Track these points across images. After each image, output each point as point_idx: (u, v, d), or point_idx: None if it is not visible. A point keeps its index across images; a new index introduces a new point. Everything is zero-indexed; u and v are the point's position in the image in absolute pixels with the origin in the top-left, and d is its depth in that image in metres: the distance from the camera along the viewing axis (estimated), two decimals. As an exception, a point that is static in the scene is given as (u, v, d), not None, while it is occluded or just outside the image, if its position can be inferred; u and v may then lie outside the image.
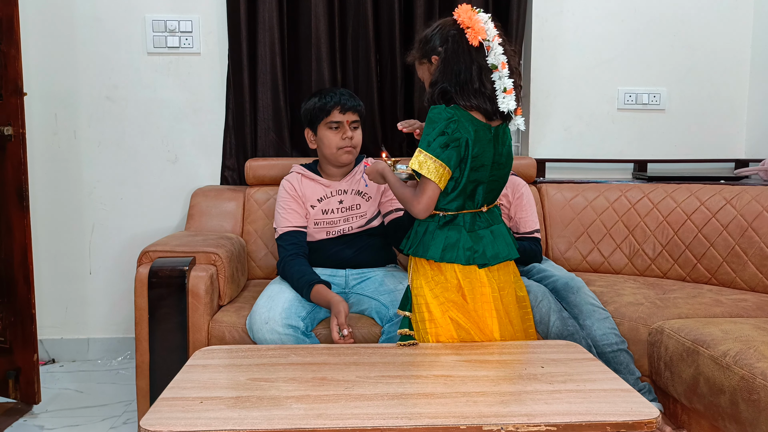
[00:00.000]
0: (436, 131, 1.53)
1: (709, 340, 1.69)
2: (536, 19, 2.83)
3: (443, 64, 1.59)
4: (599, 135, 2.91)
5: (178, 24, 2.69)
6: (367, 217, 2.11)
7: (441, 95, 1.58)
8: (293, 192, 2.09)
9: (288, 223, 2.05)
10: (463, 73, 1.56)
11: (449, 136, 1.53)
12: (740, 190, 2.39)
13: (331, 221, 2.08)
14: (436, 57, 1.62)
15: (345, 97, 2.07)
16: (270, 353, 1.54)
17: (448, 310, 1.61)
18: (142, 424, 1.16)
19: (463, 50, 1.57)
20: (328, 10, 2.64)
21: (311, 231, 2.09)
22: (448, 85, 1.57)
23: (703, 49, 2.90)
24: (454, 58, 1.58)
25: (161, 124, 2.74)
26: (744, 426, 1.52)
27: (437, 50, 1.62)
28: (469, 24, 1.58)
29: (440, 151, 1.53)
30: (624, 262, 2.51)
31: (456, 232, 1.60)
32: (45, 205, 2.72)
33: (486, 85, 1.56)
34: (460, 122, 1.54)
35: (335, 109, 2.05)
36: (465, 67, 1.56)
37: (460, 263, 1.59)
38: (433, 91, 1.60)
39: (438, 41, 1.62)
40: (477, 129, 1.56)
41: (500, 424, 1.16)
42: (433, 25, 1.67)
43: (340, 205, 2.09)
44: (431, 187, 1.55)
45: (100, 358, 2.80)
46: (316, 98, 2.10)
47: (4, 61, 2.13)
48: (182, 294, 1.94)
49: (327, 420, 1.17)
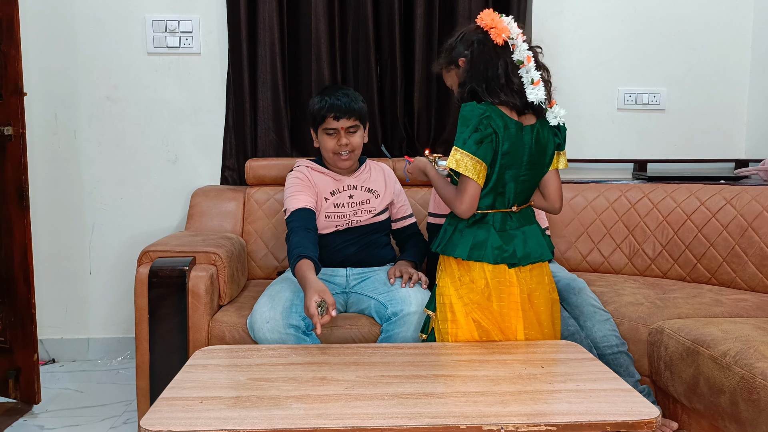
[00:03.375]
0: (470, 128, 1.54)
1: (709, 340, 1.69)
2: (536, 19, 2.83)
3: (470, 65, 1.60)
4: (599, 135, 2.91)
5: (178, 24, 2.69)
6: (375, 212, 2.12)
7: (471, 95, 1.59)
8: (306, 181, 2.07)
9: (299, 203, 2.00)
10: (491, 70, 1.57)
11: (482, 132, 1.54)
12: (740, 190, 2.39)
13: (341, 215, 2.08)
14: (462, 59, 1.63)
15: (340, 103, 2.02)
16: (270, 353, 1.54)
17: (472, 312, 1.61)
18: (142, 424, 1.16)
19: (489, 49, 1.59)
20: (328, 10, 2.64)
21: (321, 223, 2.07)
22: (476, 84, 1.58)
23: (703, 49, 2.90)
24: (480, 57, 1.59)
25: (161, 124, 2.74)
26: (744, 426, 1.52)
27: (463, 53, 1.63)
28: (492, 24, 1.59)
29: (475, 147, 1.53)
30: (624, 262, 2.51)
31: (485, 231, 1.60)
32: (45, 205, 2.72)
33: (513, 80, 1.57)
34: (492, 118, 1.55)
35: (329, 116, 2.02)
36: (492, 64, 1.57)
37: (488, 262, 1.59)
38: (463, 90, 1.61)
39: (462, 47, 1.63)
40: (507, 124, 1.56)
41: (500, 424, 1.16)
42: (455, 34, 1.68)
43: (350, 199, 2.09)
44: (471, 185, 1.55)
45: (100, 358, 2.80)
46: (318, 99, 2.08)
47: (4, 61, 2.13)
48: (182, 294, 1.94)
49: (327, 420, 1.17)
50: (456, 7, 2.69)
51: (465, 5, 2.69)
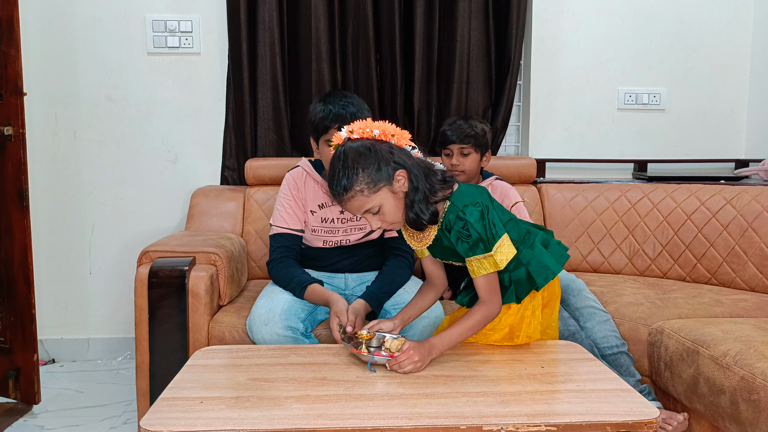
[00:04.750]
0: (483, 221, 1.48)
1: (709, 340, 1.69)
2: (536, 19, 2.83)
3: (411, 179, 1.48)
4: (599, 135, 2.91)
5: (178, 24, 2.69)
6: (366, 230, 2.03)
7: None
8: (296, 192, 2.00)
9: (284, 224, 1.98)
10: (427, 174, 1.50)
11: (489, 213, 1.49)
12: (740, 190, 2.39)
13: (329, 230, 2.01)
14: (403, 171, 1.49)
15: (345, 113, 1.86)
16: (270, 353, 1.54)
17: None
18: (142, 424, 1.16)
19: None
20: (328, 10, 2.64)
21: (309, 237, 2.02)
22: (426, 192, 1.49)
23: (703, 49, 2.90)
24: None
25: (161, 124, 2.74)
26: (744, 426, 1.52)
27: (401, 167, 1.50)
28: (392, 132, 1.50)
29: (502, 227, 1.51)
30: (624, 262, 2.51)
31: (529, 249, 1.57)
32: (45, 205, 2.72)
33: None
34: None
35: (332, 127, 1.87)
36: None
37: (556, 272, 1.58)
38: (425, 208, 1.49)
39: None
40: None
41: (500, 424, 1.16)
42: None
43: (341, 215, 2.00)
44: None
45: (100, 358, 2.80)
46: (320, 106, 1.92)
47: (4, 61, 2.13)
48: (182, 294, 1.94)
49: (327, 420, 1.17)
50: (456, 7, 2.70)
51: (465, 5, 2.69)
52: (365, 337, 1.48)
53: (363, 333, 1.50)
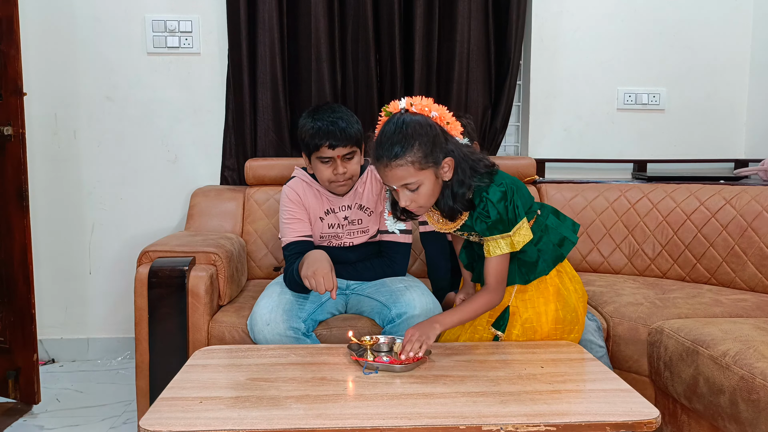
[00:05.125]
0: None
1: (708, 340, 1.69)
2: (536, 19, 2.83)
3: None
4: (599, 135, 2.91)
5: (178, 24, 2.69)
6: (369, 234, 2.03)
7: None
8: (298, 201, 1.98)
9: (294, 234, 1.96)
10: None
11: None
12: (740, 190, 2.39)
13: (336, 235, 2.02)
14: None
15: (335, 130, 1.83)
16: (270, 353, 1.54)
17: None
18: (142, 424, 1.16)
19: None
20: (328, 10, 2.64)
21: (315, 241, 2.02)
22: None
23: (703, 50, 2.90)
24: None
25: (161, 124, 2.74)
26: (744, 426, 1.52)
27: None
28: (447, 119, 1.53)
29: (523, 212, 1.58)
30: (624, 262, 2.51)
31: (547, 232, 1.63)
32: (45, 205, 2.72)
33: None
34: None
35: (323, 145, 1.84)
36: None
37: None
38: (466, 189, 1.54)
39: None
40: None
41: (500, 424, 1.16)
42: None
43: (345, 220, 2.01)
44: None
45: (100, 358, 2.80)
46: (310, 123, 1.88)
47: (4, 61, 2.13)
48: (182, 294, 1.94)
49: (327, 420, 1.17)
50: (456, 7, 2.70)
51: (465, 5, 2.69)
52: (368, 344, 1.50)
53: (366, 339, 1.51)
